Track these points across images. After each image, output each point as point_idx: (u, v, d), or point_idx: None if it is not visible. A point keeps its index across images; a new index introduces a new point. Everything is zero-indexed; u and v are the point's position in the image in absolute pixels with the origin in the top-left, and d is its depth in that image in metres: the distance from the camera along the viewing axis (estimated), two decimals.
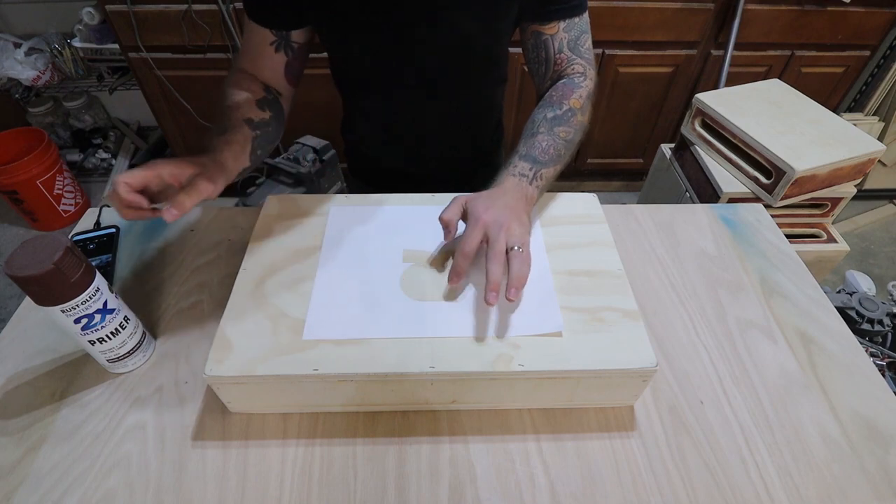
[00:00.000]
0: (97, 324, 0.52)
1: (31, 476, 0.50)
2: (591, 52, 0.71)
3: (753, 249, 0.77)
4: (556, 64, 0.69)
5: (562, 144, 0.64)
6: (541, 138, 0.64)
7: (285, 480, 0.50)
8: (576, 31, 0.68)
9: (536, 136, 0.64)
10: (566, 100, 0.67)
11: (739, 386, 0.59)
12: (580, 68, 0.70)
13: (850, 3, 1.61)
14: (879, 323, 1.28)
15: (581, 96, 0.68)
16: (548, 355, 0.51)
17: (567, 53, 0.69)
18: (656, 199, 1.61)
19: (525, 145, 0.64)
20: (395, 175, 0.90)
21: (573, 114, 0.66)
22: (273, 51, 0.69)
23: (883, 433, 0.55)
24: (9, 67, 1.83)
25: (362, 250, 0.62)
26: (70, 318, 0.50)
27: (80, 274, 0.49)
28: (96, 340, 0.53)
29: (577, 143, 0.67)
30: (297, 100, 0.78)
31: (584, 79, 0.69)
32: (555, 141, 0.64)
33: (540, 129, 0.65)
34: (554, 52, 0.69)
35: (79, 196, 2.00)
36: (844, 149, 1.19)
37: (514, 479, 0.51)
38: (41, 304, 0.48)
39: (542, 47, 0.69)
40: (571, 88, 0.68)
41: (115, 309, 0.53)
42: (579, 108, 0.67)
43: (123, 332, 0.55)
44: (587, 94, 0.69)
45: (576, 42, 0.69)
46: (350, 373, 0.50)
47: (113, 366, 0.57)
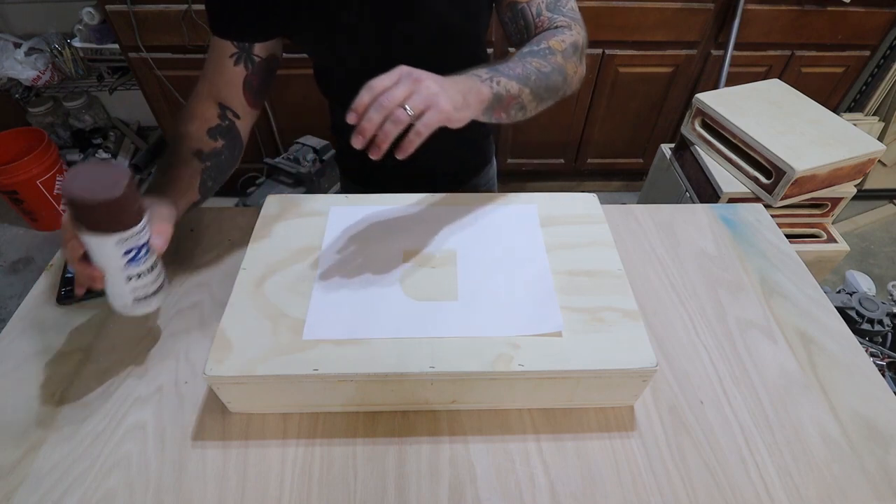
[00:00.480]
0: (141, 257, 0.50)
1: (31, 476, 0.50)
2: (576, 13, 0.67)
3: (753, 249, 0.77)
4: (537, 27, 0.66)
5: (532, 70, 0.59)
6: (509, 63, 0.59)
7: (285, 480, 0.50)
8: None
9: (506, 62, 0.59)
10: (545, 41, 0.63)
11: (739, 386, 0.59)
12: (563, 22, 0.65)
13: (850, 3, 1.61)
14: (879, 323, 1.27)
15: (564, 41, 0.63)
16: (548, 355, 0.51)
17: (547, 14, 0.65)
18: (656, 199, 1.61)
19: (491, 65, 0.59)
20: (386, 175, 0.89)
21: (551, 52, 0.61)
22: (232, 64, 0.66)
23: (883, 433, 0.55)
24: (9, 67, 1.82)
25: (362, 250, 0.62)
26: (121, 248, 0.47)
27: (139, 202, 0.48)
28: (134, 276, 0.50)
29: (555, 81, 0.61)
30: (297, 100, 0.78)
31: (568, 30, 0.65)
32: (524, 66, 0.59)
33: (511, 59, 0.60)
34: (532, 17, 0.65)
35: None
36: (844, 149, 1.18)
37: (514, 479, 0.51)
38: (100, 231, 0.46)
39: (521, 16, 0.66)
40: (553, 34, 0.64)
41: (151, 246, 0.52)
42: (560, 50, 0.62)
43: (154, 270, 0.53)
44: (571, 41, 0.63)
45: (555, 4, 0.65)
46: (350, 373, 0.50)
47: (137, 305, 0.53)
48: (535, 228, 0.66)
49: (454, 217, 0.67)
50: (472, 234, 0.65)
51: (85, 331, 0.63)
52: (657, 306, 0.68)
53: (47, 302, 0.66)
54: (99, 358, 0.60)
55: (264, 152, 1.91)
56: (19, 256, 1.87)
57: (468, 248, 0.63)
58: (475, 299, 0.57)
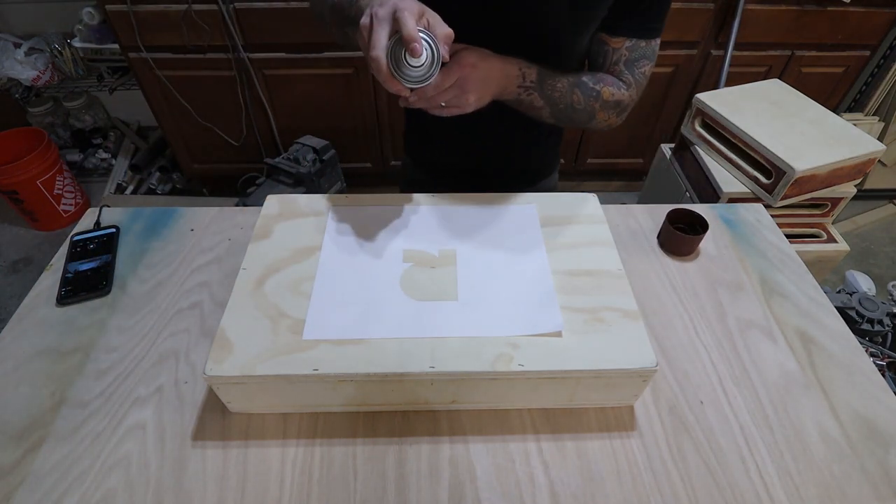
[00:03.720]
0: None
1: (31, 476, 0.50)
2: (645, 79, 0.71)
3: (753, 249, 0.77)
4: (608, 73, 0.71)
5: (567, 101, 0.66)
6: (560, 82, 0.66)
7: (285, 480, 0.50)
8: (638, 53, 0.69)
9: (561, 78, 0.66)
10: (602, 83, 0.68)
11: (739, 386, 0.59)
12: (628, 80, 0.70)
13: (850, 3, 1.61)
14: (879, 323, 1.27)
15: (613, 95, 0.68)
16: (548, 355, 0.51)
17: (620, 68, 0.69)
18: (656, 199, 1.61)
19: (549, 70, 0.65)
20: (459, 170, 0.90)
21: (596, 97, 0.67)
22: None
23: (883, 433, 0.55)
24: (9, 67, 1.82)
25: (362, 250, 0.62)
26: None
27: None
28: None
29: (578, 119, 0.69)
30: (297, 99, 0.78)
31: (626, 87, 0.70)
32: (566, 94, 0.66)
33: (567, 77, 0.66)
34: (610, 62, 0.70)
35: (79, 196, 2.00)
36: (844, 149, 1.18)
37: (514, 479, 0.51)
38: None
39: (602, 54, 0.70)
40: (613, 82, 0.69)
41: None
42: (605, 99, 0.68)
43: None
44: (620, 98, 0.69)
45: (633, 63, 0.69)
46: (350, 373, 0.50)
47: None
48: (535, 228, 0.66)
49: (454, 217, 0.67)
50: (472, 234, 0.65)
51: (85, 331, 0.63)
52: (657, 306, 0.68)
53: (47, 302, 0.66)
54: (99, 358, 0.60)
55: (264, 152, 1.91)
56: (19, 256, 1.87)
57: (468, 248, 0.63)
58: (475, 299, 0.57)
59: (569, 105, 0.67)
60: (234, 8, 1.54)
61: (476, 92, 0.58)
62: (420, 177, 0.95)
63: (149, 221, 0.78)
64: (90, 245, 0.73)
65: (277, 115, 1.82)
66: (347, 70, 1.68)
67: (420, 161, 0.94)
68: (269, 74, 1.70)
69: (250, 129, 1.85)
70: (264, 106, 1.77)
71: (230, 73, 1.68)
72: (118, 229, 0.76)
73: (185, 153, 1.94)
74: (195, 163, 1.98)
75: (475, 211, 0.68)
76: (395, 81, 0.49)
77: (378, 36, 0.47)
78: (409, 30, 0.45)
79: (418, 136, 0.91)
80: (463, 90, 0.57)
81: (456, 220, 0.67)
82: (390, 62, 0.48)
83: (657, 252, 0.76)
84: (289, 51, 1.64)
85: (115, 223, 0.77)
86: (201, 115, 1.79)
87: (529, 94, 0.64)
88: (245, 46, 1.62)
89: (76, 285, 0.68)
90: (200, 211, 0.80)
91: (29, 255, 1.88)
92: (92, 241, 0.74)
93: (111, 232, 0.76)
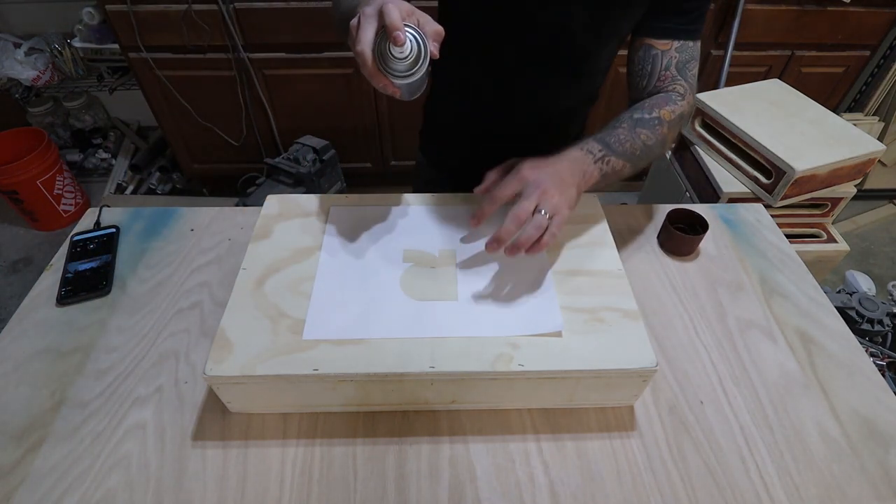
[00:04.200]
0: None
1: (31, 476, 0.50)
2: (696, 80, 0.70)
3: (753, 249, 0.77)
4: (660, 80, 0.68)
5: (639, 144, 0.63)
6: (620, 131, 0.63)
7: (285, 480, 0.50)
8: (687, 54, 0.68)
9: (617, 128, 0.64)
10: (657, 108, 0.66)
11: (739, 386, 0.59)
12: (681, 89, 0.68)
13: (850, 3, 1.60)
14: (879, 323, 1.28)
15: (674, 112, 0.66)
16: (548, 355, 0.51)
17: (673, 72, 0.68)
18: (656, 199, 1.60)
19: (602, 132, 0.64)
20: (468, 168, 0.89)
21: (660, 123, 0.65)
22: None
23: (883, 433, 0.55)
24: (9, 67, 1.82)
25: (362, 250, 0.62)
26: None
27: None
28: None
29: (655, 153, 0.66)
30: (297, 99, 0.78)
31: (681, 98, 0.68)
32: (633, 139, 0.63)
33: (622, 124, 0.64)
34: (661, 67, 0.67)
35: (79, 196, 2.00)
36: (844, 149, 1.18)
37: (514, 479, 0.51)
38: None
39: (650, 60, 0.68)
40: (666, 101, 0.67)
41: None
42: (668, 120, 0.65)
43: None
44: (680, 112, 0.67)
45: (685, 64, 0.68)
46: (350, 373, 0.50)
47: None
48: None
49: (454, 217, 0.67)
50: (472, 234, 0.65)
51: (85, 331, 0.63)
52: (657, 306, 0.68)
53: (47, 302, 0.66)
54: (99, 358, 0.60)
55: (264, 152, 1.91)
56: (19, 256, 1.87)
57: (468, 248, 0.63)
58: (475, 299, 0.57)
59: (643, 147, 0.64)
60: (234, 8, 1.54)
61: (557, 189, 0.55)
62: (434, 176, 0.95)
63: (149, 221, 0.78)
64: (90, 245, 0.73)
65: (277, 115, 1.82)
66: (347, 70, 1.68)
67: (435, 161, 0.94)
68: (269, 74, 1.70)
69: (250, 129, 1.85)
70: (264, 106, 1.77)
71: (230, 73, 1.68)
72: (118, 229, 0.76)
73: (185, 153, 1.94)
74: (195, 163, 1.98)
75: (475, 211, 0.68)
76: (381, 75, 0.49)
77: (364, 31, 0.48)
78: (393, 19, 0.46)
79: (435, 136, 0.91)
80: (545, 194, 0.54)
81: (456, 220, 0.67)
82: (376, 57, 0.48)
83: (657, 252, 0.76)
84: (289, 51, 1.64)
85: (115, 223, 0.77)
86: (201, 115, 1.79)
87: (607, 162, 0.62)
88: (245, 46, 1.62)
89: (76, 285, 0.68)
90: (200, 211, 0.80)
91: (29, 255, 1.88)
92: (92, 241, 0.74)
93: (111, 232, 0.76)
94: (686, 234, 0.73)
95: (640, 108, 0.66)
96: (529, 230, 0.52)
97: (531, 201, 0.53)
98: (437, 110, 0.88)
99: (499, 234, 0.53)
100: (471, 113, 0.83)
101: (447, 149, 0.91)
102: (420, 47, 0.49)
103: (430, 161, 0.94)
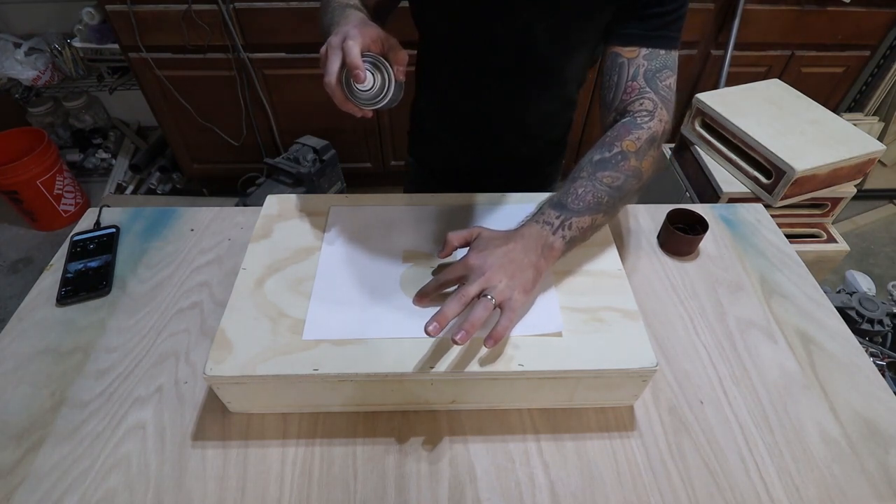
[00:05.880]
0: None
1: (31, 476, 0.50)
2: (671, 93, 0.62)
3: (753, 249, 0.77)
4: (626, 92, 0.61)
5: (603, 191, 0.56)
6: (579, 184, 0.57)
7: (285, 480, 0.50)
8: (658, 62, 0.61)
9: (576, 181, 0.57)
10: (618, 142, 0.58)
11: (739, 386, 0.59)
12: (649, 105, 0.60)
13: (850, 3, 1.60)
14: (879, 323, 1.27)
15: (639, 138, 0.58)
16: (548, 355, 0.51)
17: (640, 83, 0.60)
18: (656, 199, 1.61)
19: (560, 191, 0.58)
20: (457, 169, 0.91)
21: (624, 158, 0.58)
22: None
23: (883, 433, 0.55)
24: (9, 67, 1.82)
25: (362, 250, 0.62)
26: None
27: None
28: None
29: (631, 189, 0.59)
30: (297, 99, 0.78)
31: (649, 118, 0.60)
32: (595, 187, 0.56)
33: (582, 173, 0.58)
34: (627, 77, 0.61)
35: (79, 196, 2.00)
36: (844, 149, 1.18)
37: (514, 479, 0.51)
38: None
39: (616, 70, 0.62)
40: (628, 129, 0.59)
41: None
42: (633, 151, 0.58)
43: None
44: (648, 136, 0.59)
45: (654, 74, 0.61)
46: (350, 373, 0.50)
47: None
48: None
49: (454, 217, 0.67)
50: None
51: (85, 331, 0.63)
52: (657, 306, 0.68)
53: (47, 302, 0.66)
54: (99, 358, 0.60)
55: (264, 152, 1.91)
56: (19, 256, 1.87)
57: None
58: None
59: (609, 192, 0.57)
60: (234, 8, 1.54)
61: (504, 274, 0.51)
62: (424, 178, 0.95)
63: (149, 221, 0.78)
64: (90, 245, 0.73)
65: (277, 115, 1.82)
66: None
67: (424, 162, 0.94)
68: (269, 74, 1.70)
69: (250, 129, 1.85)
70: (264, 106, 1.77)
71: (230, 73, 1.68)
72: (118, 229, 0.76)
73: (185, 153, 1.94)
74: (195, 163, 1.98)
75: (475, 211, 0.68)
76: (350, 104, 0.52)
77: (331, 63, 0.50)
78: (352, 58, 0.48)
79: (422, 138, 0.92)
80: (489, 280, 0.50)
81: (456, 220, 0.67)
82: (343, 87, 0.52)
83: (657, 252, 0.76)
84: (289, 51, 1.64)
85: (115, 223, 0.77)
86: (201, 115, 1.79)
87: (569, 227, 0.55)
88: (245, 46, 1.62)
89: (76, 285, 0.68)
90: (200, 211, 0.80)
91: (29, 255, 1.88)
92: (92, 241, 0.74)
93: (111, 232, 0.76)
94: (686, 234, 0.73)
95: (600, 147, 0.60)
96: (476, 312, 0.48)
97: (475, 287, 0.49)
98: (421, 115, 0.89)
99: (441, 314, 0.48)
100: (451, 119, 0.84)
101: (433, 151, 0.92)
102: (384, 76, 0.53)
103: (419, 162, 0.95)
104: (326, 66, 0.50)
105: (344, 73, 0.51)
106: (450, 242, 0.56)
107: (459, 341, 0.47)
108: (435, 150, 0.91)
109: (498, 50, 0.69)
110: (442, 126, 0.86)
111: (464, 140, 0.85)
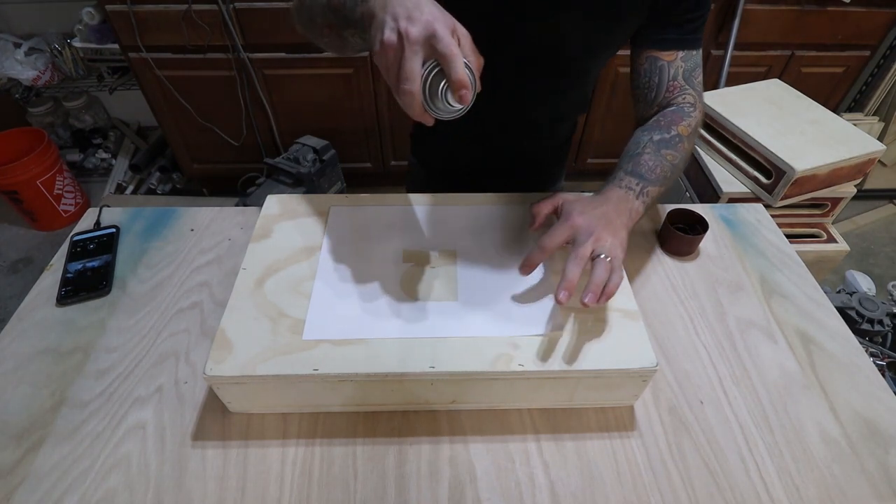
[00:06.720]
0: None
1: (31, 476, 0.50)
2: (702, 87, 0.70)
3: (753, 249, 0.77)
4: (668, 91, 0.68)
5: (668, 167, 0.62)
6: (647, 158, 0.62)
7: (285, 480, 0.50)
8: (692, 62, 0.68)
9: (642, 155, 0.62)
10: (674, 125, 0.65)
11: (739, 386, 0.59)
12: (691, 99, 0.68)
13: (850, 3, 1.61)
14: (879, 323, 1.28)
15: (690, 125, 0.66)
16: (548, 355, 0.51)
17: (681, 82, 0.67)
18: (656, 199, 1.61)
19: (630, 163, 0.62)
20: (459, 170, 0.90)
21: (680, 140, 0.64)
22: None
23: (883, 433, 0.55)
24: (9, 67, 1.83)
25: (362, 250, 0.62)
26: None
27: None
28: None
29: (681, 169, 0.65)
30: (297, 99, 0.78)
31: (693, 109, 0.67)
32: (661, 162, 0.62)
33: (646, 149, 0.63)
34: (668, 78, 0.67)
35: (79, 196, 2.00)
36: (844, 149, 1.18)
37: (514, 479, 0.51)
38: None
39: (657, 72, 0.67)
40: (681, 116, 0.66)
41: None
42: (686, 135, 0.65)
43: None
44: (696, 124, 0.67)
45: (691, 73, 0.68)
46: (350, 373, 0.50)
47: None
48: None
49: (454, 217, 0.67)
50: (472, 234, 0.65)
51: (85, 331, 0.63)
52: (657, 306, 0.68)
53: (47, 302, 0.66)
54: (99, 358, 0.60)
55: (264, 152, 1.91)
56: (19, 256, 1.87)
57: (468, 248, 0.63)
58: (475, 299, 0.56)
59: (671, 168, 0.63)
60: (234, 8, 1.54)
61: (608, 233, 0.53)
62: (426, 178, 0.95)
63: (149, 221, 0.78)
64: (90, 245, 0.73)
65: (277, 115, 1.82)
66: (347, 70, 1.68)
67: (427, 162, 0.94)
68: (269, 74, 1.70)
69: (250, 129, 1.85)
70: (264, 106, 1.77)
71: (230, 73, 1.68)
72: (118, 229, 0.76)
73: (185, 153, 1.95)
74: (195, 163, 1.98)
75: (475, 211, 0.68)
76: (427, 115, 0.43)
77: (412, 65, 0.39)
78: (460, 75, 0.39)
79: (425, 138, 0.92)
80: (599, 240, 0.52)
81: (456, 220, 0.67)
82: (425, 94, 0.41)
83: (657, 252, 0.76)
84: (289, 51, 1.64)
85: (115, 223, 0.77)
86: (201, 115, 1.79)
87: (647, 194, 0.60)
88: (245, 46, 1.62)
89: (76, 285, 0.68)
90: (200, 211, 0.80)
91: (29, 255, 1.88)
92: (92, 241, 0.74)
93: (111, 232, 0.76)
94: (686, 234, 0.73)
95: (657, 129, 0.65)
96: (599, 272, 0.50)
97: (587, 247, 0.51)
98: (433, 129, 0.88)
99: (567, 280, 0.49)
100: (462, 121, 0.84)
101: (438, 151, 0.91)
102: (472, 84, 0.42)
103: (421, 162, 0.95)
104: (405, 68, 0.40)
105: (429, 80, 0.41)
106: (540, 212, 0.58)
107: (589, 303, 0.48)
108: (440, 150, 0.91)
109: (525, 48, 0.69)
110: (451, 126, 0.86)
111: (473, 141, 0.85)
